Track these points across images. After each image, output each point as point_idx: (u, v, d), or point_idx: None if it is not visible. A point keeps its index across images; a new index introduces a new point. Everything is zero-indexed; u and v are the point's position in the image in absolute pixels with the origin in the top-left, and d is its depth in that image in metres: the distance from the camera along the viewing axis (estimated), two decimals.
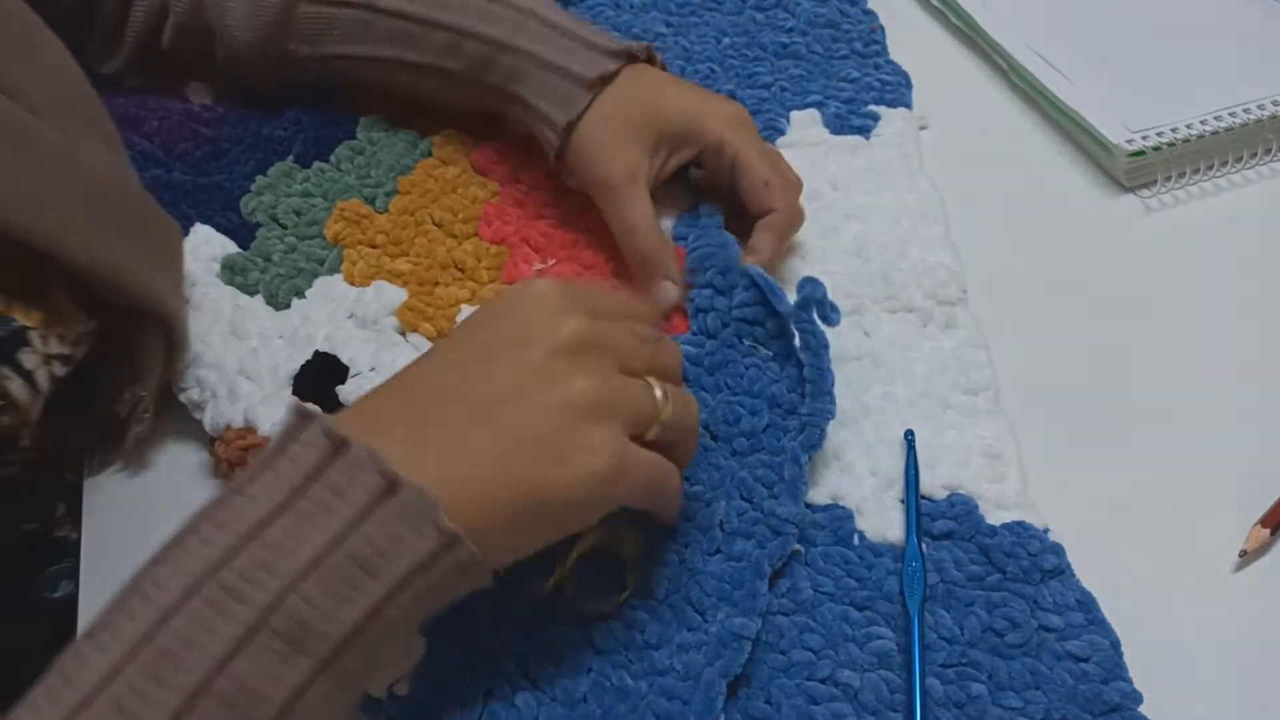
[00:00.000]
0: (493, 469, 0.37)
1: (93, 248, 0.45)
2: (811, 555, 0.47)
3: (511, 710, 0.42)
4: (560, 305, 0.40)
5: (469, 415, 0.38)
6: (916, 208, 0.62)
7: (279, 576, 0.33)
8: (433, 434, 0.37)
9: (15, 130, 0.43)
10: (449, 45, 0.59)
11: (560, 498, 0.37)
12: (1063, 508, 0.49)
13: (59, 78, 0.46)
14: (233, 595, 0.33)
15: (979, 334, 0.56)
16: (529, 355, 0.39)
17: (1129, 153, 0.63)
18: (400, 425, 0.38)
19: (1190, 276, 0.60)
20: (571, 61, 0.57)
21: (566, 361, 0.38)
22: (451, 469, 0.36)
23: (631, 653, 0.44)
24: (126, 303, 0.48)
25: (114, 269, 0.46)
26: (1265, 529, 0.48)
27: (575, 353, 0.39)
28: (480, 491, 0.36)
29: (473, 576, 0.36)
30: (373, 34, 0.61)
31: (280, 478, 0.35)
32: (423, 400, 0.39)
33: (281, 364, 0.53)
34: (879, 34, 0.74)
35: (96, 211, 0.46)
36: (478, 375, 0.39)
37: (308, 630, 0.33)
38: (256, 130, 0.65)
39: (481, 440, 0.37)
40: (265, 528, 0.34)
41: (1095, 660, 0.44)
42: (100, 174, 0.47)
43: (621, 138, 0.56)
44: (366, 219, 0.60)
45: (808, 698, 0.43)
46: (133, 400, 0.50)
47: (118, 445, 0.51)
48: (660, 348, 0.43)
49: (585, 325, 0.39)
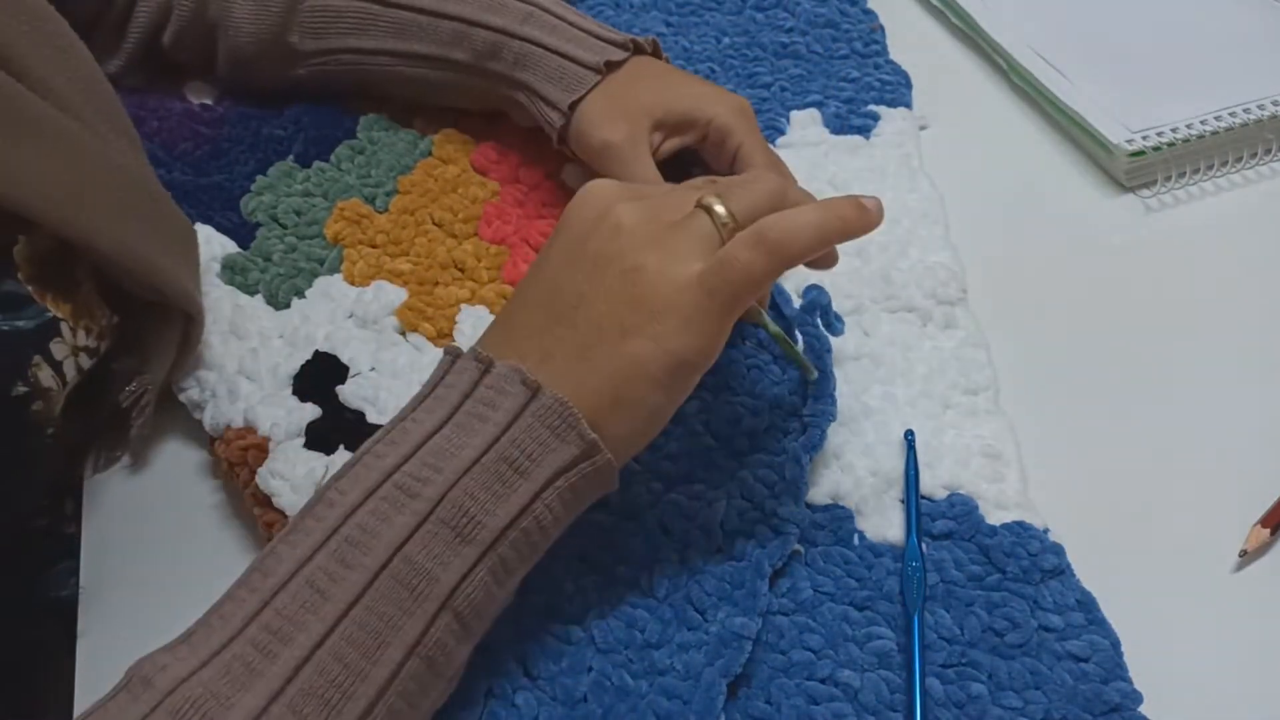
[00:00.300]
0: (578, 360, 0.40)
1: (124, 241, 0.47)
2: (811, 555, 0.47)
3: (511, 710, 0.42)
4: (612, 197, 0.42)
5: (554, 318, 0.41)
6: (916, 208, 0.62)
7: (445, 475, 0.38)
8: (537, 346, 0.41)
9: (48, 128, 0.44)
10: (457, 35, 0.60)
11: (648, 371, 0.40)
12: (1063, 508, 0.49)
13: (86, 77, 0.47)
14: (406, 492, 0.38)
15: (979, 334, 0.56)
16: (586, 249, 0.41)
17: (1129, 153, 0.63)
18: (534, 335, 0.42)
19: (1190, 276, 0.60)
20: (579, 49, 0.58)
21: (616, 239, 0.41)
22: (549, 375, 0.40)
23: (632, 652, 0.44)
24: (153, 296, 0.50)
25: (145, 263, 0.48)
26: (1265, 529, 0.48)
27: (626, 229, 0.41)
28: (572, 386, 0.40)
29: (605, 480, 0.41)
30: (379, 26, 0.62)
31: (440, 401, 0.40)
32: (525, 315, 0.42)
33: (281, 364, 0.53)
34: (879, 34, 0.74)
35: (126, 207, 0.47)
36: (554, 284, 0.42)
37: (471, 520, 0.38)
38: (256, 130, 0.65)
39: (562, 340, 0.41)
40: (431, 437, 0.39)
41: (1095, 660, 0.44)
42: (128, 171, 0.48)
43: (623, 111, 0.56)
44: (366, 219, 0.60)
45: (808, 698, 0.43)
46: (137, 392, 0.50)
47: (121, 439, 0.52)
48: (708, 184, 0.44)
49: (631, 205, 0.42)
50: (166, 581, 0.49)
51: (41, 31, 0.45)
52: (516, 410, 0.39)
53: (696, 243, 0.41)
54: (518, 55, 0.59)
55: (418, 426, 0.40)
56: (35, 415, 0.45)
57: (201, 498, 0.52)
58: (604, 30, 0.59)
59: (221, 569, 0.49)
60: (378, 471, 0.39)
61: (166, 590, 0.49)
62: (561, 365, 0.40)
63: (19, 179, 0.42)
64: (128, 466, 0.53)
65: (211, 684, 0.35)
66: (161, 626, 0.38)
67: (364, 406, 0.51)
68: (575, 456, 0.39)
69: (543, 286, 0.42)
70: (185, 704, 0.35)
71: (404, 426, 0.40)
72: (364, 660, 0.36)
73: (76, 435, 0.51)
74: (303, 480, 0.48)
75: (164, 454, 0.54)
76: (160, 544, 0.51)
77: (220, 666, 0.36)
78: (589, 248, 0.41)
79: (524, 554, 0.40)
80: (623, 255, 0.41)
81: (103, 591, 0.49)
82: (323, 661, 0.36)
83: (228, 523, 0.51)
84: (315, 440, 0.50)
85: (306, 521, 0.39)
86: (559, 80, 0.58)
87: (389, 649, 0.36)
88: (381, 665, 0.36)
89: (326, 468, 0.49)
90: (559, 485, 0.39)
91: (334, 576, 0.37)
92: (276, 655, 0.36)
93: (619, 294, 0.40)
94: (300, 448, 0.50)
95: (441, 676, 0.39)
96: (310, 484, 0.48)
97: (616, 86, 0.57)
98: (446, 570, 0.38)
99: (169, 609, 0.48)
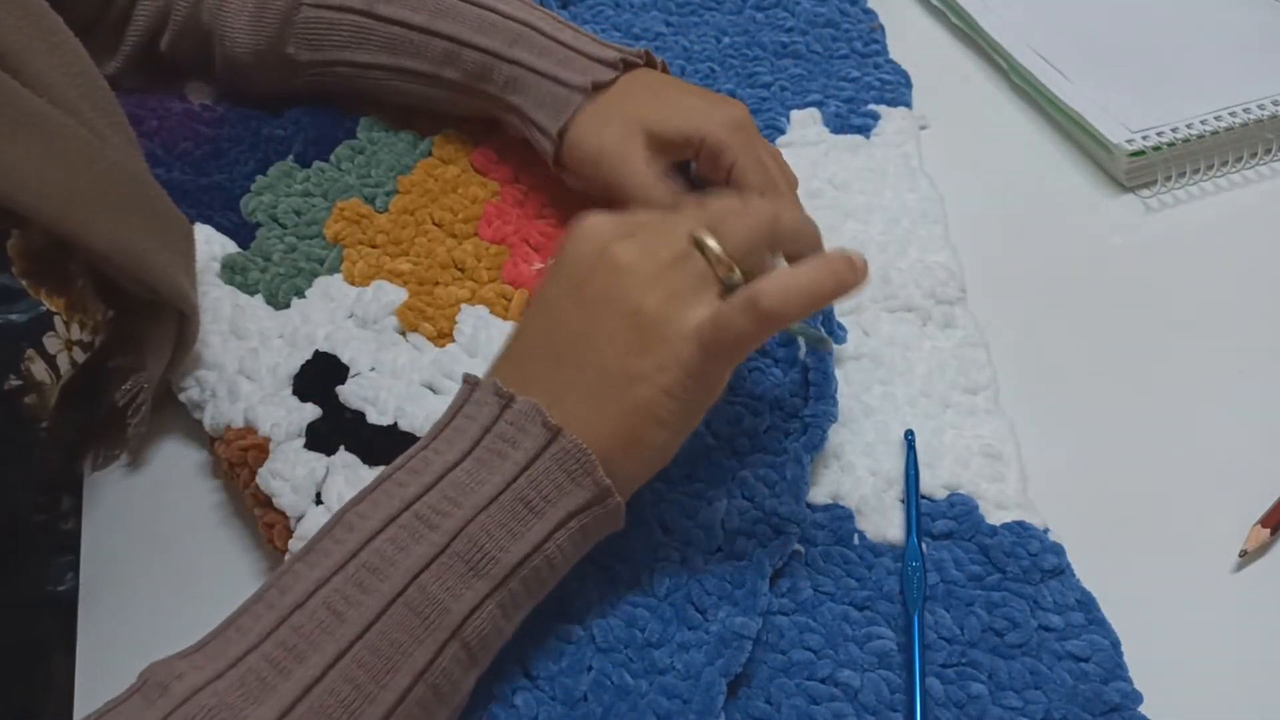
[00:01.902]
0: (589, 403, 0.41)
1: (118, 238, 0.47)
2: (811, 555, 0.47)
3: (511, 710, 0.42)
4: (607, 234, 0.43)
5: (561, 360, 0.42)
6: (916, 207, 0.62)
7: (464, 510, 0.39)
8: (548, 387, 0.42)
9: (42, 123, 0.44)
10: (448, 54, 0.60)
11: (657, 415, 0.41)
12: (1063, 508, 0.49)
13: (81, 73, 0.47)
14: (425, 523, 0.39)
15: (979, 334, 0.56)
16: (586, 290, 0.42)
17: (1129, 153, 0.63)
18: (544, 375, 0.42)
19: (1190, 276, 0.60)
20: (567, 72, 0.57)
21: (617, 280, 0.42)
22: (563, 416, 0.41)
23: (632, 651, 0.44)
24: (147, 293, 0.49)
25: (138, 259, 0.48)
26: (1265, 529, 0.48)
27: (624, 269, 0.42)
28: (585, 429, 0.41)
29: (614, 520, 0.42)
30: (373, 41, 0.61)
31: (460, 433, 0.41)
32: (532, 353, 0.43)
33: (281, 364, 0.53)
34: (879, 34, 0.74)
35: (120, 203, 0.47)
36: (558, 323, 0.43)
37: (485, 556, 0.39)
38: (256, 130, 0.65)
39: (572, 383, 0.41)
40: (451, 470, 0.40)
41: (1095, 660, 0.44)
42: (123, 167, 0.48)
43: (616, 119, 0.56)
44: (366, 219, 0.60)
45: (808, 698, 0.43)
46: (133, 390, 0.50)
47: (118, 438, 0.52)
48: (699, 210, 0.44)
49: (627, 244, 0.42)
50: (166, 582, 0.49)
51: (36, 27, 0.45)
52: (536, 451, 0.40)
53: (693, 281, 0.42)
54: (507, 79, 0.59)
55: (439, 458, 0.41)
56: (28, 409, 0.45)
57: (201, 498, 0.52)
58: (595, 47, 0.58)
59: (221, 569, 0.49)
60: (398, 500, 0.40)
61: (166, 590, 0.49)
62: (574, 408, 0.41)
63: (11, 174, 0.42)
64: (128, 466, 0.53)
65: (226, 695, 0.36)
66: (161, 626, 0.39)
67: (364, 406, 0.51)
68: (589, 500, 0.41)
69: (547, 325, 0.43)
70: (200, 711, 0.35)
71: (425, 456, 0.41)
72: (373, 684, 0.37)
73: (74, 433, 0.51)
74: (303, 480, 0.48)
75: (164, 454, 0.54)
76: (160, 544, 0.51)
77: (235, 678, 0.36)
78: (589, 289, 0.42)
79: (532, 590, 0.41)
80: (624, 296, 0.41)
81: (103, 591, 0.49)
82: (334, 682, 0.36)
83: (228, 523, 0.51)
84: (315, 440, 0.50)
85: (325, 543, 0.40)
86: (547, 105, 0.57)
87: (398, 674, 0.37)
88: (390, 689, 0.37)
89: (327, 469, 0.49)
90: (571, 527, 0.41)
91: (350, 600, 0.38)
92: (290, 672, 0.36)
93: (622, 338, 0.41)
94: (300, 448, 0.50)
95: (446, 704, 0.39)
96: (310, 484, 0.48)
97: (606, 104, 0.57)
98: (458, 602, 0.38)
99: (169, 609, 0.48)
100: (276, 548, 0.48)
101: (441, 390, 0.52)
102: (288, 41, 0.63)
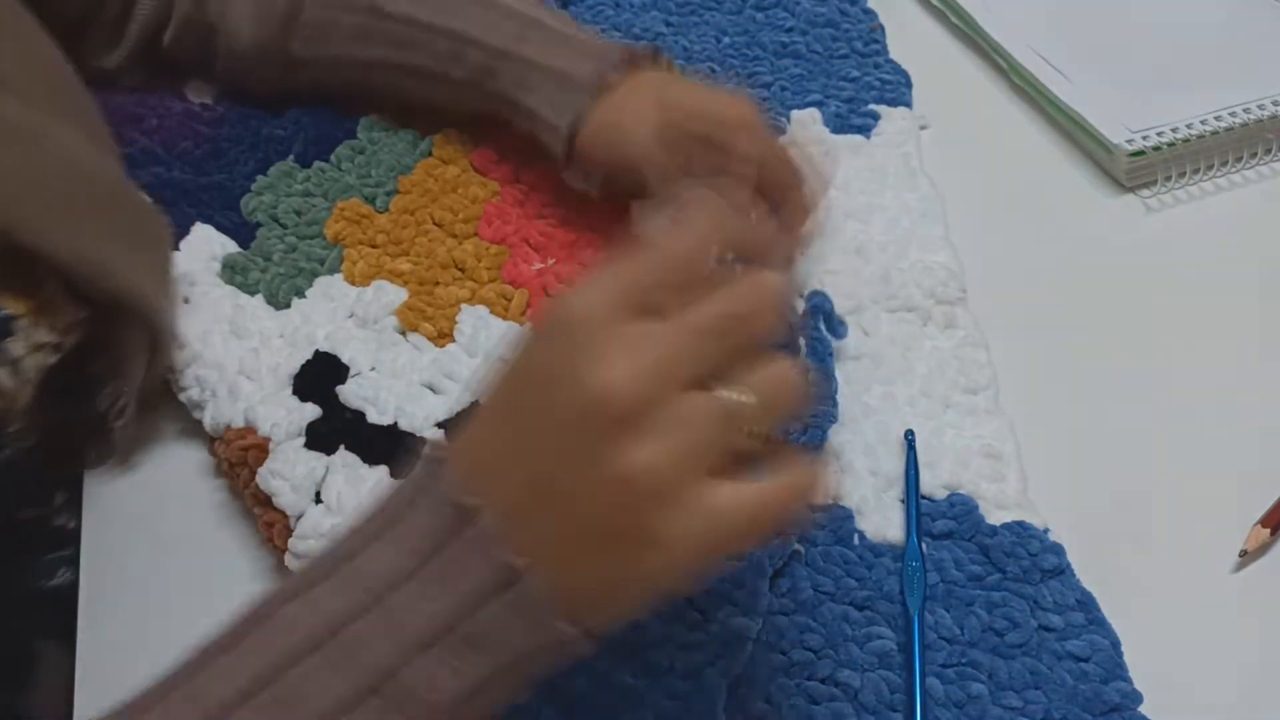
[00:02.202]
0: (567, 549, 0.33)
1: (72, 241, 0.45)
2: (811, 555, 0.47)
3: (510, 711, 0.42)
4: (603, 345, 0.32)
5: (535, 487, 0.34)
6: (916, 207, 0.62)
7: (397, 645, 0.33)
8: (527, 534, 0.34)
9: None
10: (452, 52, 0.59)
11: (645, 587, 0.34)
12: (1063, 508, 0.49)
13: (40, 64, 0.46)
14: (350, 656, 0.33)
15: (979, 334, 0.56)
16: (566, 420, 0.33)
17: (1129, 153, 0.63)
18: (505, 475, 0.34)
19: (1190, 276, 0.60)
20: (575, 69, 0.57)
21: (618, 428, 0.32)
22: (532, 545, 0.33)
23: (632, 651, 0.44)
24: (108, 300, 0.48)
25: (94, 265, 0.46)
26: (1265, 529, 0.48)
27: (626, 418, 0.32)
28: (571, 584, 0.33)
29: (578, 654, 0.35)
30: (376, 38, 0.61)
31: (405, 540, 0.34)
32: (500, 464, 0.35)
33: (281, 364, 0.53)
34: (879, 34, 0.74)
35: (76, 203, 0.46)
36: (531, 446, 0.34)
37: (413, 697, 0.33)
38: (256, 130, 0.65)
39: (548, 523, 0.33)
40: (393, 590, 0.34)
41: (1095, 660, 0.44)
42: (81, 164, 0.46)
43: (628, 113, 0.55)
44: (367, 219, 0.60)
45: (808, 698, 0.43)
46: (113, 395, 0.50)
47: (106, 441, 0.51)
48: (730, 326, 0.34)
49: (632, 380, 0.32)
50: (166, 581, 0.49)
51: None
52: (491, 586, 0.33)
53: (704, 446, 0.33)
54: (513, 77, 0.58)
55: (376, 562, 0.34)
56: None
57: (201, 498, 0.52)
58: (601, 45, 0.58)
59: (221, 569, 0.49)
60: (324, 615, 0.34)
61: (166, 590, 0.49)
62: (551, 556, 0.33)
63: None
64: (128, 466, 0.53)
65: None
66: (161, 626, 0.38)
67: (364, 406, 0.51)
68: (550, 644, 0.34)
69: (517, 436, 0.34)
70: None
71: (357, 565, 0.34)
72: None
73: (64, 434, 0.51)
74: (303, 480, 0.48)
75: (164, 454, 0.54)
76: (160, 544, 0.51)
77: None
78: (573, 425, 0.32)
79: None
80: (613, 457, 0.32)
81: (102, 591, 0.49)
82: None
83: (228, 523, 0.51)
84: (315, 440, 0.50)
85: (249, 641, 0.35)
86: (555, 104, 0.57)
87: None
88: None
89: (327, 468, 0.49)
90: (523, 667, 0.35)
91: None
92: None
93: (611, 504, 0.32)
94: (300, 448, 0.50)
95: None
96: (310, 484, 0.48)
97: (615, 100, 0.56)
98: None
99: (169, 609, 0.48)
100: (276, 547, 0.48)
101: (441, 390, 0.52)
102: (291, 37, 0.63)
